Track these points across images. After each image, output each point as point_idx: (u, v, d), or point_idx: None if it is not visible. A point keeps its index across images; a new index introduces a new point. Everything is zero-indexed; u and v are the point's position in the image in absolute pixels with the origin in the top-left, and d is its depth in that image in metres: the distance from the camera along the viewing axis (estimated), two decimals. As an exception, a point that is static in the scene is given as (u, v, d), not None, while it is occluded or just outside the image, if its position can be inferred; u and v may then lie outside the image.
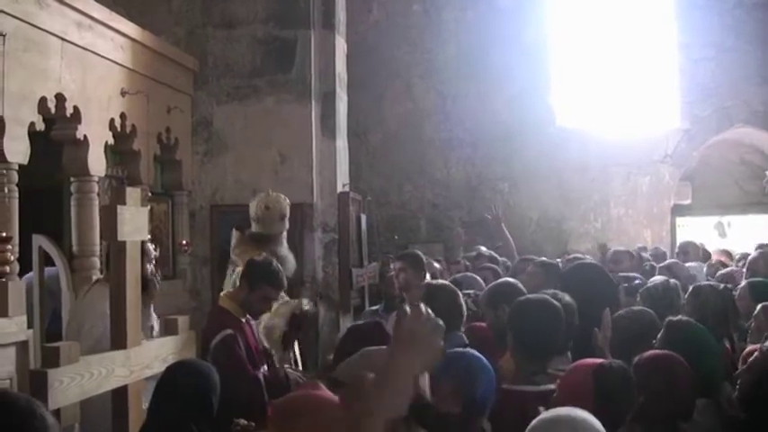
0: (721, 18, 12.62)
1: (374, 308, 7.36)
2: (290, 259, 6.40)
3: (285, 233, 6.58)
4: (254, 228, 6.51)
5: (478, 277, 6.50)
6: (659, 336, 3.89)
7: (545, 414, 2.69)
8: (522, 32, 12.68)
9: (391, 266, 6.56)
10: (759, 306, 5.39)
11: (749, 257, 8.09)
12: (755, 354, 3.80)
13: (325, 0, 8.33)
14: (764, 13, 12.55)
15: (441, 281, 5.48)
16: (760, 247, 8.52)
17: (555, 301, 4.00)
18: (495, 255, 8.58)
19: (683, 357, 3.42)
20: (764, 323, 5.19)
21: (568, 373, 3.25)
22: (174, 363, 4.03)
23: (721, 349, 4.61)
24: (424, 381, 2.48)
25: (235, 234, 6.68)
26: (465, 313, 4.72)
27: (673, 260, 7.44)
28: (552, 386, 3.40)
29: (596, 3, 13.36)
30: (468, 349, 3.58)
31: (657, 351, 3.53)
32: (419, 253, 6.56)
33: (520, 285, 4.99)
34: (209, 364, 4.15)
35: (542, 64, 12.89)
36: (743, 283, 6.32)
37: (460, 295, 4.79)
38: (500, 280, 5.56)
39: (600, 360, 3.32)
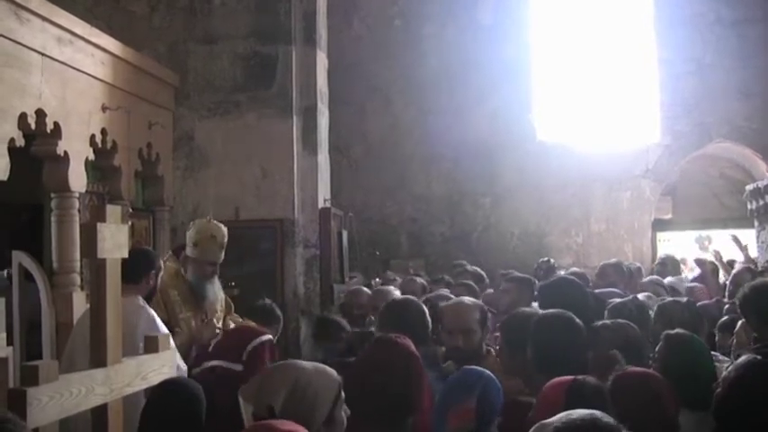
0: (701, 34, 12.72)
1: None
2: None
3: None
4: (189, 252, 6.01)
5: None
6: (658, 348, 3.90)
7: None
8: (502, 48, 12.74)
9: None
10: (739, 323, 5.38)
11: (732, 272, 8.12)
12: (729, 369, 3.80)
13: (306, 15, 8.33)
14: (743, 29, 12.66)
15: (405, 296, 5.40)
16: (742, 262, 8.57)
17: None
18: (481, 271, 8.48)
19: (684, 370, 3.43)
20: (745, 339, 5.18)
21: (545, 390, 3.23)
22: (162, 381, 4.00)
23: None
24: None
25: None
26: (430, 326, 4.67)
27: (654, 276, 7.38)
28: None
29: (577, 18, 13.44)
30: (484, 370, 3.62)
31: (636, 370, 3.52)
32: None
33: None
34: (194, 381, 4.15)
35: (523, 79, 12.94)
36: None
37: (421, 309, 4.73)
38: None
39: (573, 377, 3.28)
